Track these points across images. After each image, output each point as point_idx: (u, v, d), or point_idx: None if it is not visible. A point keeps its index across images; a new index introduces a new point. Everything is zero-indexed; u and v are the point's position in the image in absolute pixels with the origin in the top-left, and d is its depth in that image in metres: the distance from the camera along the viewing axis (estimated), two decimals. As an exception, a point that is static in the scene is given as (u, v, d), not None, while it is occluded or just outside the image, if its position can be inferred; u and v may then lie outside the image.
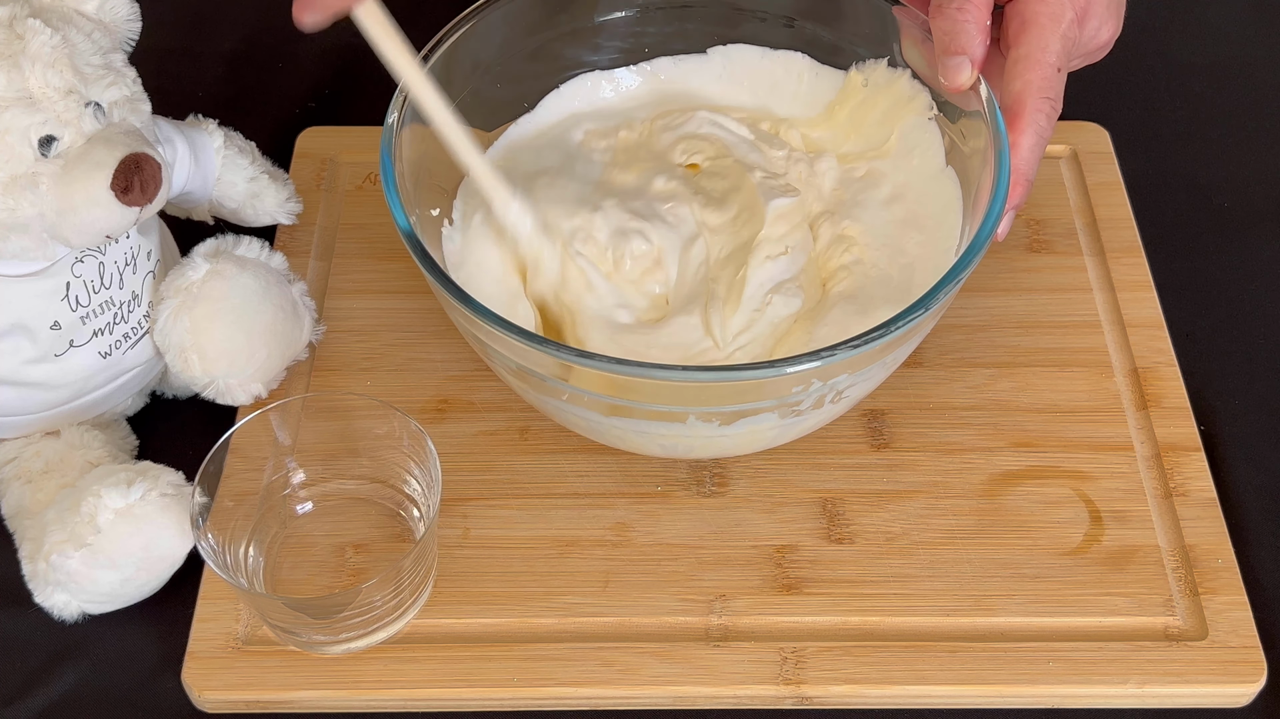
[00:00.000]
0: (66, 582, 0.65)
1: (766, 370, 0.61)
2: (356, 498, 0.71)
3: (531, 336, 0.61)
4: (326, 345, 0.78)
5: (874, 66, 0.76)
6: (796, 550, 0.70)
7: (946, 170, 0.73)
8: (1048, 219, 0.83)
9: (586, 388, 0.63)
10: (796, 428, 0.67)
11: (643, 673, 0.66)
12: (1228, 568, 0.69)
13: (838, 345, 0.60)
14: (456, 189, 0.76)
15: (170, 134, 0.72)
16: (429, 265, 0.64)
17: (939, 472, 0.72)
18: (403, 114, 0.69)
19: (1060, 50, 0.67)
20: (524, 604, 0.68)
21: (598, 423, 0.66)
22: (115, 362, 0.70)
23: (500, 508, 0.71)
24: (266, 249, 0.73)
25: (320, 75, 0.94)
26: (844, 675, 0.65)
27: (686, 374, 0.61)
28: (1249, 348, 0.80)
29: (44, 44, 0.62)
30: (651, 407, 0.64)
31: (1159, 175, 0.88)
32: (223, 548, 0.66)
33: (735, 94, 0.81)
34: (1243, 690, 0.66)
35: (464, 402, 0.75)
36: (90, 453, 0.71)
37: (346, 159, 0.87)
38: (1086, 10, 0.68)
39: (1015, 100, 0.67)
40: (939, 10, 0.69)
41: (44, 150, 0.63)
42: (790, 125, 0.79)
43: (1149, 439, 0.74)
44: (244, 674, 0.66)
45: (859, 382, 0.65)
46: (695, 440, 0.66)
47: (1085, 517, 0.70)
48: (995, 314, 0.79)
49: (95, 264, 0.68)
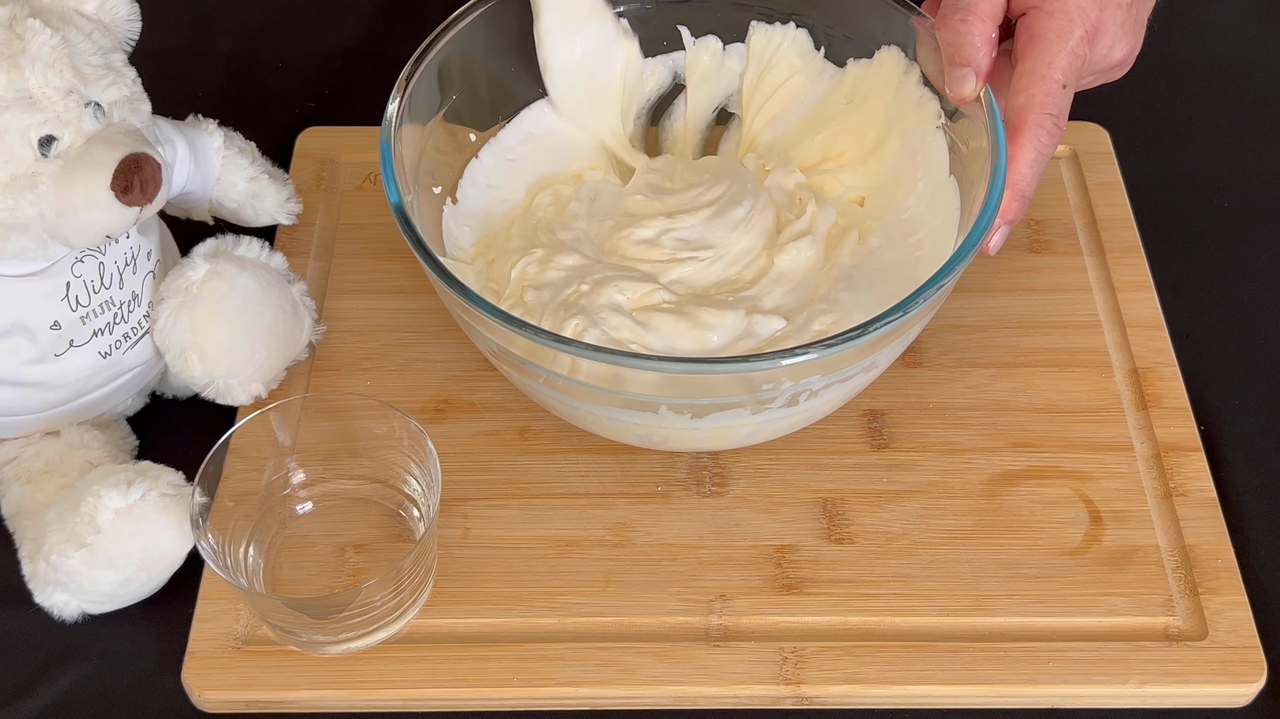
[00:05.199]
0: (66, 582, 0.65)
1: (731, 365, 0.61)
2: (356, 498, 0.71)
3: (508, 318, 0.62)
4: (326, 345, 0.78)
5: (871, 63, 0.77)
6: (796, 550, 0.70)
7: (949, 180, 0.73)
8: (1048, 219, 0.83)
9: (559, 372, 0.64)
10: (773, 426, 0.67)
11: (642, 673, 0.66)
12: (1228, 568, 0.69)
13: (810, 344, 0.61)
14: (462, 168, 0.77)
15: (170, 134, 0.72)
16: (416, 243, 0.64)
17: (939, 472, 0.72)
18: (403, 105, 0.70)
19: (1067, 67, 0.66)
20: (524, 604, 0.68)
21: (574, 407, 0.67)
22: (115, 362, 0.70)
23: (500, 508, 0.71)
24: (266, 249, 0.73)
25: (320, 75, 0.94)
26: (844, 675, 0.65)
27: (647, 363, 0.61)
28: (1249, 348, 0.80)
29: (44, 44, 0.62)
30: (621, 394, 0.64)
31: (1159, 175, 0.88)
32: (223, 548, 0.66)
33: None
34: (1242, 690, 0.66)
35: (464, 402, 0.75)
36: (90, 453, 0.71)
37: (346, 159, 0.87)
38: (1098, 28, 0.67)
39: (1017, 115, 0.66)
40: (943, 21, 0.68)
41: (44, 150, 0.63)
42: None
43: (1149, 439, 0.74)
44: (244, 674, 0.66)
45: (836, 382, 0.65)
46: (669, 432, 0.67)
47: (1085, 517, 0.70)
48: (995, 314, 0.79)
49: (95, 264, 0.68)
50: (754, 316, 0.69)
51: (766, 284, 0.72)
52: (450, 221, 0.76)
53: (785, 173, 0.77)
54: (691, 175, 0.78)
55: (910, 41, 0.74)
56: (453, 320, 0.71)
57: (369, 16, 0.98)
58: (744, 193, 0.75)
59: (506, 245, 0.75)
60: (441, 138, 0.75)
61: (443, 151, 0.76)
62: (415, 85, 0.71)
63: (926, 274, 0.64)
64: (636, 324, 0.68)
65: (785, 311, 0.71)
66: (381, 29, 0.97)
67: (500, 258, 0.74)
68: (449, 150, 0.76)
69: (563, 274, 0.71)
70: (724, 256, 0.73)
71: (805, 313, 0.70)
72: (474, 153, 0.78)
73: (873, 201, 0.77)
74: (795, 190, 0.76)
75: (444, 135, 0.76)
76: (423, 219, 0.71)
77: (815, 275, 0.73)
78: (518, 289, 0.72)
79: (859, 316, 0.67)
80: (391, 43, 0.93)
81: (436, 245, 0.72)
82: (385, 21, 0.97)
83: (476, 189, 0.78)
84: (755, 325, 0.69)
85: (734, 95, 0.82)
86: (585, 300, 0.69)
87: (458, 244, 0.75)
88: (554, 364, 0.64)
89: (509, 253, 0.74)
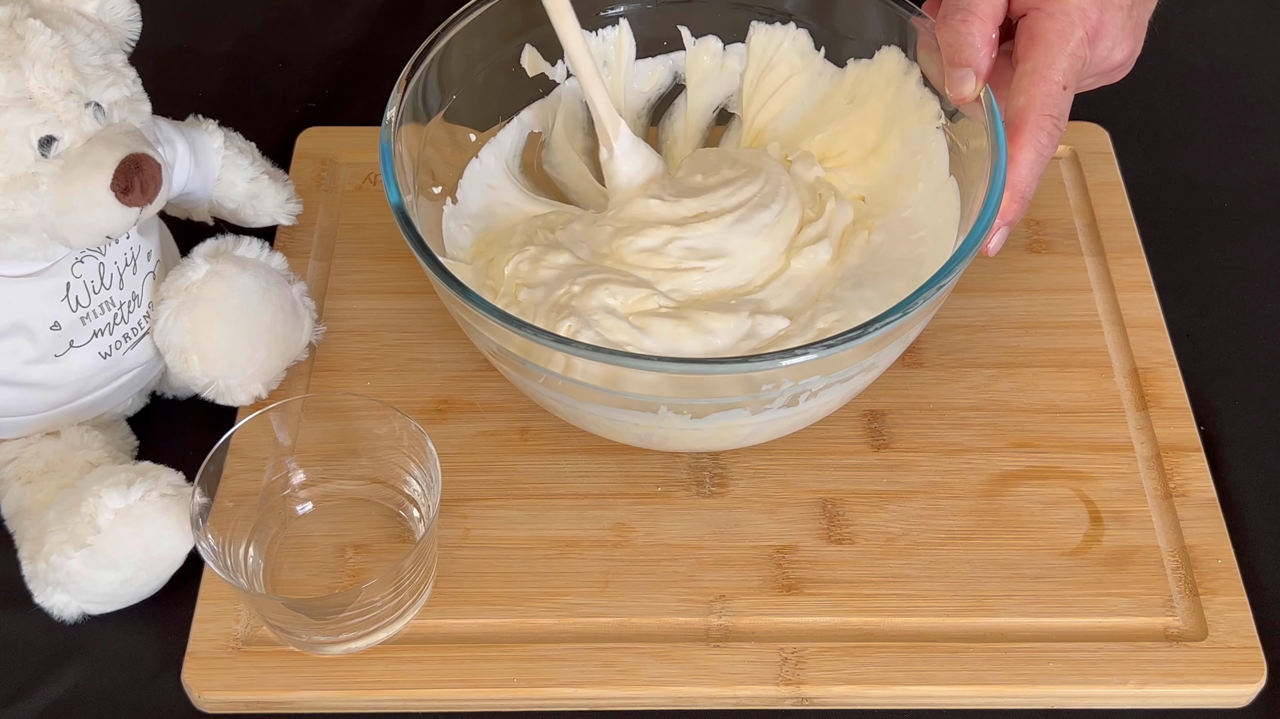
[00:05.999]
0: (66, 582, 0.65)
1: (730, 366, 0.61)
2: (356, 498, 0.71)
3: (507, 317, 0.62)
4: (326, 345, 0.78)
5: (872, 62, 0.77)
6: (796, 551, 0.70)
7: (949, 181, 0.73)
8: (1048, 219, 0.83)
9: (556, 371, 0.64)
10: (773, 426, 0.67)
11: (642, 673, 0.66)
12: (1228, 568, 0.69)
13: (810, 345, 0.61)
14: (462, 168, 0.77)
15: (170, 134, 0.72)
16: (415, 242, 0.64)
17: (939, 472, 0.72)
18: (403, 105, 0.70)
19: (1067, 69, 0.66)
20: (524, 604, 0.68)
21: (573, 408, 0.67)
22: (115, 362, 0.70)
23: (500, 508, 0.71)
24: (266, 249, 0.73)
25: (320, 76, 0.94)
26: (844, 676, 0.65)
27: (647, 364, 0.61)
28: (1249, 348, 0.80)
29: (44, 44, 0.62)
30: (620, 394, 0.64)
31: (1159, 175, 0.88)
32: (223, 548, 0.66)
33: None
34: (1242, 691, 0.66)
35: (464, 402, 0.75)
36: (90, 453, 0.71)
37: (346, 159, 0.87)
38: (1099, 29, 0.67)
39: (1017, 116, 0.66)
40: (943, 21, 0.68)
41: (44, 150, 0.63)
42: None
43: (1149, 439, 0.74)
44: (244, 674, 0.66)
45: (836, 382, 0.65)
46: (669, 432, 0.67)
47: (1085, 517, 0.70)
48: (995, 314, 0.79)
49: (95, 264, 0.68)
50: (758, 317, 0.69)
51: (776, 288, 0.72)
52: (450, 221, 0.76)
53: (805, 166, 0.76)
54: (728, 169, 0.75)
55: (910, 42, 0.74)
56: (453, 320, 0.71)
57: (369, 16, 0.98)
58: (775, 194, 0.73)
59: (508, 243, 0.75)
60: (441, 138, 0.75)
61: (443, 151, 0.76)
62: (415, 85, 0.71)
63: (930, 270, 0.64)
64: (632, 328, 0.68)
65: (790, 311, 0.70)
66: (381, 29, 0.97)
67: (499, 256, 0.74)
68: (449, 150, 0.76)
69: (554, 273, 0.71)
70: (737, 265, 0.71)
71: (809, 311, 0.70)
72: (474, 153, 0.78)
73: (873, 201, 0.77)
74: (815, 184, 0.76)
75: (444, 135, 0.76)
76: (422, 219, 0.71)
77: (824, 275, 0.73)
78: (512, 287, 0.72)
79: (863, 314, 0.67)
80: (391, 43, 0.93)
81: (436, 245, 0.72)
82: (385, 21, 0.97)
83: (476, 189, 0.78)
84: (758, 326, 0.69)
85: (734, 95, 0.81)
86: (576, 302, 0.69)
87: (457, 244, 0.75)
88: (553, 364, 0.64)
89: (508, 250, 0.74)
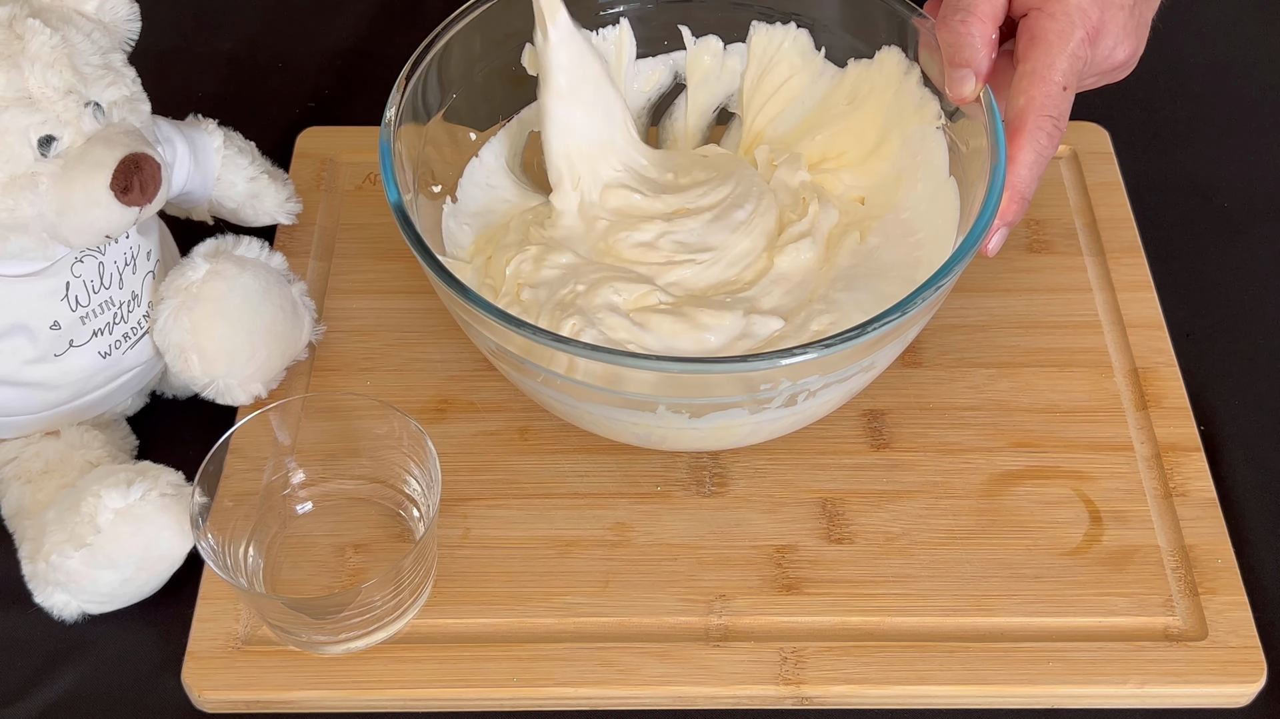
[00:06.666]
0: (66, 582, 0.65)
1: (729, 365, 0.61)
2: (356, 498, 0.71)
3: (507, 317, 0.62)
4: (326, 345, 0.78)
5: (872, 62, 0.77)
6: (796, 550, 0.70)
7: (949, 181, 0.73)
8: (1048, 219, 0.83)
9: (556, 370, 0.64)
10: (771, 426, 0.67)
11: (643, 673, 0.66)
12: (1227, 568, 0.69)
13: (808, 345, 0.61)
14: (462, 167, 0.77)
15: (170, 134, 0.72)
16: (415, 242, 0.64)
17: (939, 472, 0.72)
18: (403, 105, 0.70)
19: (1068, 69, 0.66)
20: (524, 604, 0.68)
21: (573, 407, 0.67)
22: (115, 362, 0.70)
23: (500, 508, 0.71)
24: (266, 249, 0.73)
25: (320, 76, 0.94)
26: (844, 676, 0.65)
27: (645, 363, 0.61)
28: (1249, 348, 0.80)
29: (44, 44, 0.62)
30: (619, 393, 0.64)
31: (1159, 175, 0.88)
32: (223, 548, 0.66)
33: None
34: (1242, 690, 0.66)
35: (464, 402, 0.75)
36: (90, 453, 0.71)
37: (346, 159, 0.87)
38: (1100, 29, 0.67)
39: (1017, 117, 0.66)
40: (943, 22, 0.68)
41: (44, 150, 0.63)
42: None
43: (1149, 439, 0.74)
44: (244, 674, 0.66)
45: (835, 382, 0.65)
46: (668, 431, 0.67)
47: (1085, 517, 0.70)
48: (995, 314, 0.79)
49: (95, 264, 0.68)
50: (752, 317, 0.69)
51: (765, 285, 0.72)
52: (450, 220, 0.76)
53: (791, 170, 0.77)
54: (699, 172, 0.77)
55: (911, 42, 0.74)
56: (453, 320, 0.71)
57: (369, 16, 0.98)
58: (747, 195, 0.74)
59: (504, 240, 0.75)
60: (441, 137, 0.75)
61: (442, 151, 0.76)
62: (415, 85, 0.72)
63: (925, 274, 0.64)
64: (634, 325, 0.68)
65: (783, 312, 0.71)
66: (381, 29, 0.97)
67: (497, 253, 0.74)
68: (448, 149, 0.77)
69: (557, 273, 0.71)
70: (723, 259, 0.73)
71: (803, 313, 0.70)
72: (474, 152, 0.78)
73: (873, 201, 0.77)
74: (799, 189, 0.76)
75: (443, 135, 0.76)
76: (422, 218, 0.71)
77: (814, 276, 0.73)
78: (514, 286, 0.72)
79: (857, 317, 0.67)
80: (391, 43, 0.93)
81: (436, 244, 0.72)
82: (385, 21, 0.97)
83: (476, 188, 0.78)
84: (753, 326, 0.69)
85: (735, 95, 0.82)
86: (582, 300, 0.69)
87: (457, 243, 0.75)
88: (552, 363, 0.64)
89: (505, 247, 0.74)
